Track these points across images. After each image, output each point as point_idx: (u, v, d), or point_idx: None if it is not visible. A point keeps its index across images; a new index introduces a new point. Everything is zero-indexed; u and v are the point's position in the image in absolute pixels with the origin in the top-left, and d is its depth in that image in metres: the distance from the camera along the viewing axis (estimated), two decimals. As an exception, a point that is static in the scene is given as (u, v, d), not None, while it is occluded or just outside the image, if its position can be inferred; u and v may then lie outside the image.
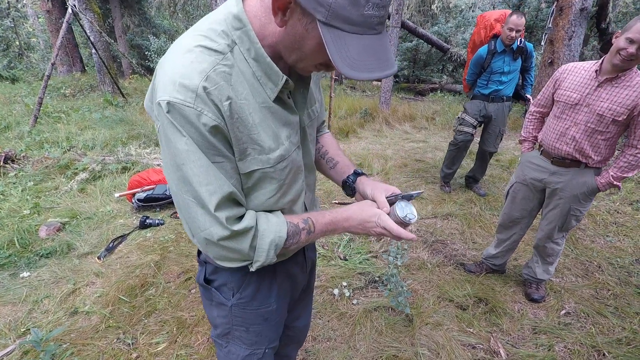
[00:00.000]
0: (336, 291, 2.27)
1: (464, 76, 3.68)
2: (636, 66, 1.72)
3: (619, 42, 1.67)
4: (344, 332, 1.99)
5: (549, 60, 4.35)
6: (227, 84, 0.64)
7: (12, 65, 11.75)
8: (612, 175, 1.86)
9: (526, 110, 3.91)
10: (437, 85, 9.78)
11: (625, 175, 1.84)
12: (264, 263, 0.76)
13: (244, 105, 0.67)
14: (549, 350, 1.93)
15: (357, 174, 0.98)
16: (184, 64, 0.62)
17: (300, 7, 0.56)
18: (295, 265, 0.99)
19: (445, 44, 10.12)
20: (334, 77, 3.69)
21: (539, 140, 2.11)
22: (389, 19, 8.35)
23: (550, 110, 2.06)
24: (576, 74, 1.88)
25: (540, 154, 2.09)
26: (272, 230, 0.75)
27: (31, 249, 2.69)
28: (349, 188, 0.98)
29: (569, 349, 1.95)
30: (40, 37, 13.06)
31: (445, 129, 6.43)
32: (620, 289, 2.43)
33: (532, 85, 3.57)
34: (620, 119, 1.75)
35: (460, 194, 3.82)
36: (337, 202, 3.47)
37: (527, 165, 2.15)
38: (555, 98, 1.98)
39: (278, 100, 0.72)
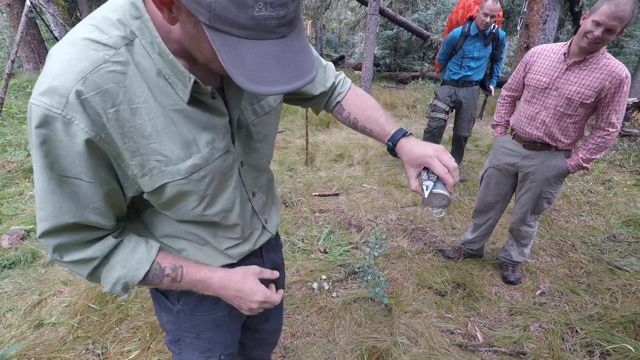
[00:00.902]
0: (315, 285, 2.24)
1: (435, 56, 3.69)
2: (604, 48, 1.72)
3: (586, 24, 1.66)
4: (324, 326, 1.96)
5: (525, 45, 4.38)
6: (116, 86, 0.55)
7: (-27, 64, 11.10)
8: (581, 158, 1.88)
9: (485, 102, 3.96)
10: (419, 73, 9.75)
11: (593, 157, 1.86)
12: (111, 292, 0.70)
13: (143, 110, 0.57)
14: (525, 330, 1.96)
15: (394, 141, 0.84)
16: (61, 61, 0.53)
17: (184, 6, 0.47)
18: None
19: (425, 31, 10.10)
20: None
21: (511, 125, 2.11)
22: (364, 3, 8.18)
23: (521, 94, 2.05)
24: (545, 57, 1.87)
25: (513, 138, 2.09)
26: (127, 266, 0.68)
27: (-7, 259, 2.54)
28: (393, 154, 0.87)
29: (543, 328, 1.98)
30: (5, 33, 12.36)
31: (425, 117, 6.45)
32: (593, 267, 2.49)
33: (498, 76, 3.62)
34: (588, 102, 1.75)
35: (439, 181, 3.84)
36: (316, 194, 3.43)
37: (500, 150, 2.15)
38: (525, 82, 1.97)
39: (195, 101, 0.62)
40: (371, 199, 3.39)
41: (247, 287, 0.78)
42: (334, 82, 0.93)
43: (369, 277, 2.08)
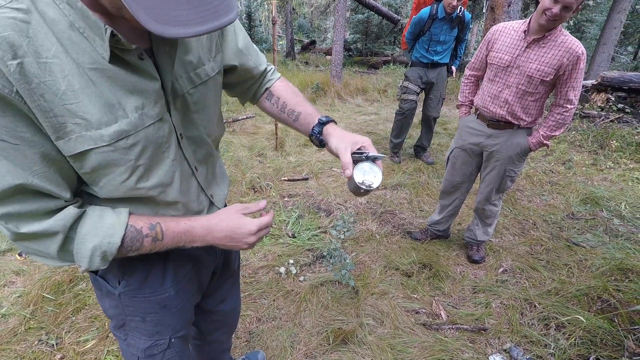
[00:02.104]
0: (282, 270, 2.21)
1: (403, 33, 3.67)
2: (561, 25, 1.74)
3: (544, 1, 1.67)
4: (290, 310, 1.94)
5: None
6: (17, 34, 0.47)
7: None
8: (542, 135, 1.92)
9: (446, 82, 4.00)
10: (390, 58, 9.78)
11: (553, 133, 1.90)
12: (90, 268, 0.63)
13: (53, 65, 0.50)
14: (486, 307, 2.02)
15: (321, 123, 0.84)
16: None
17: None
18: (196, 248, 0.89)
19: (395, 15, 10.09)
20: (276, 49, 3.49)
21: (475, 104, 2.13)
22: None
23: (484, 73, 2.06)
24: (507, 34, 1.88)
25: (477, 117, 2.11)
26: (100, 234, 0.62)
27: None
28: (318, 141, 0.85)
29: (504, 304, 2.05)
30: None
31: (396, 100, 6.48)
32: (552, 244, 2.60)
33: (460, 57, 3.67)
34: (547, 79, 1.78)
35: (410, 164, 3.88)
36: (285, 179, 3.38)
37: (465, 130, 2.17)
38: (488, 60, 1.98)
39: (119, 61, 0.55)
40: (341, 183, 3.37)
41: (234, 223, 0.75)
42: (265, 69, 0.91)
43: (336, 260, 2.07)
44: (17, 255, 2.34)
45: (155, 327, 0.86)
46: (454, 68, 3.67)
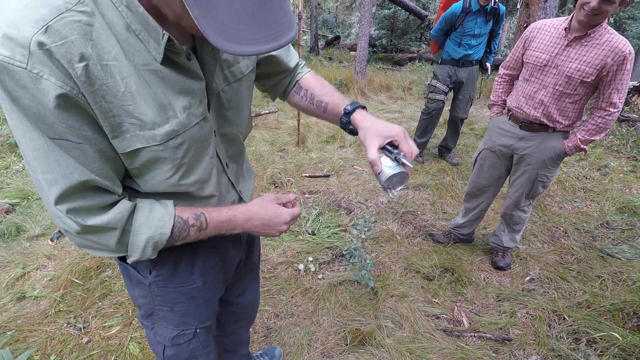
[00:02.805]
0: (301, 266, 2.20)
1: (432, 41, 3.55)
2: (606, 22, 1.63)
3: None
4: (308, 307, 1.94)
5: (525, 25, 4.24)
6: (82, 38, 0.48)
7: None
8: (579, 139, 1.81)
9: (476, 82, 3.84)
10: (416, 55, 9.55)
11: (592, 138, 1.78)
12: (141, 259, 0.66)
13: (113, 68, 0.52)
14: (511, 316, 1.95)
15: (347, 113, 0.83)
16: (14, 7, 0.46)
17: None
18: (223, 240, 0.89)
19: (423, 11, 9.84)
20: (301, 44, 3.47)
21: (507, 105, 2.04)
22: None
23: (520, 72, 1.97)
24: (545, 32, 1.78)
25: (509, 119, 2.02)
26: (152, 226, 0.64)
27: (-25, 234, 2.49)
28: (349, 131, 0.84)
29: (530, 314, 1.97)
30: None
31: (421, 98, 6.33)
32: (584, 254, 2.47)
33: (494, 53, 3.50)
34: (588, 80, 1.67)
35: (434, 164, 3.78)
36: (306, 175, 3.37)
37: (495, 131, 2.08)
38: (524, 59, 1.89)
39: (169, 62, 0.57)
40: (362, 182, 3.33)
41: (271, 212, 0.78)
42: (297, 63, 0.91)
43: (355, 260, 2.04)
44: (49, 240, 2.45)
45: (183, 317, 0.87)
46: (488, 65, 3.51)
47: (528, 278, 2.25)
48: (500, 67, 2.08)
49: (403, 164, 0.73)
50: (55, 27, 0.46)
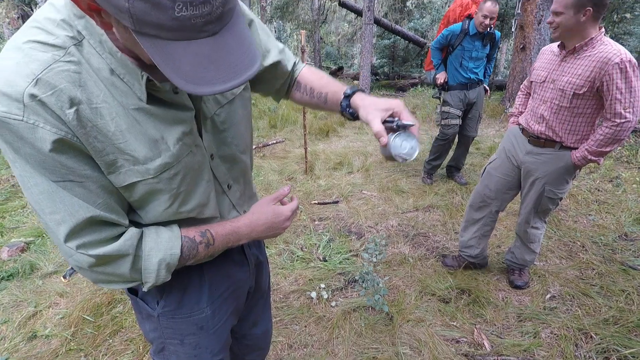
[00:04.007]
0: (314, 294, 2.16)
1: (428, 56, 3.66)
2: (602, 35, 1.67)
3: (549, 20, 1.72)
4: (322, 336, 1.88)
5: (521, 46, 4.36)
6: (72, 85, 0.52)
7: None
8: (587, 149, 1.75)
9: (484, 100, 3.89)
10: (417, 80, 9.78)
11: (602, 149, 1.72)
12: (157, 283, 0.67)
13: (103, 109, 0.55)
14: (535, 337, 1.86)
15: (347, 96, 0.83)
16: (7, 67, 0.50)
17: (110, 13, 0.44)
18: (231, 264, 0.89)
19: (421, 39, 10.17)
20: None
21: (519, 121, 2.08)
22: (360, 15, 8.28)
23: None
24: (548, 52, 1.89)
25: (522, 132, 2.04)
26: (162, 249, 0.66)
27: (-9, 274, 2.53)
28: (349, 114, 0.83)
29: (555, 334, 1.88)
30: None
31: (426, 122, 6.41)
32: (605, 267, 2.39)
33: (489, 76, 3.61)
34: (581, 92, 1.67)
35: (442, 185, 3.76)
36: (315, 202, 3.38)
37: (509, 139, 2.10)
38: (530, 78, 2.00)
39: (155, 100, 0.60)
40: (371, 206, 3.32)
41: (271, 214, 0.80)
42: (294, 62, 0.92)
43: (368, 285, 2.00)
44: (61, 278, 2.46)
45: (194, 349, 0.86)
46: (486, 87, 3.60)
47: (549, 296, 2.17)
48: (524, 82, 2.18)
49: (406, 126, 0.73)
50: (45, 79, 0.50)
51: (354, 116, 0.82)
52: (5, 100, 0.49)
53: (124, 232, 0.64)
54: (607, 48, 1.61)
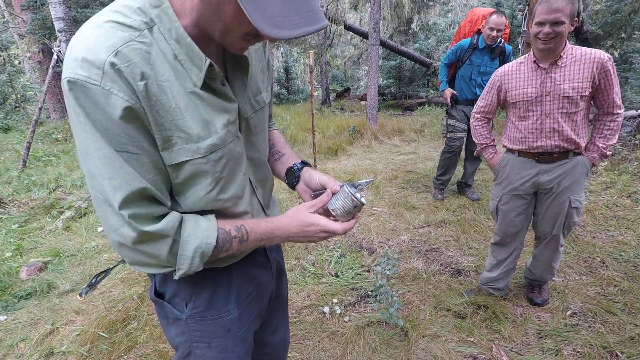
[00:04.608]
0: (326, 309, 2.14)
1: (438, 81, 3.71)
2: (568, 43, 1.73)
3: (532, 30, 1.71)
4: (336, 352, 1.85)
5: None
6: (143, 61, 0.58)
7: (8, 118, 11.98)
8: (601, 146, 1.80)
9: None
10: (424, 100, 9.88)
11: (611, 142, 1.80)
12: (189, 272, 0.69)
13: (166, 87, 0.61)
14: (557, 354, 1.80)
15: (304, 163, 0.94)
16: (91, 38, 0.56)
17: None
18: (255, 267, 0.91)
19: (427, 59, 10.35)
20: (313, 94, 3.70)
21: (507, 146, 2.01)
22: (366, 37, 8.58)
23: (493, 115, 2.05)
24: (516, 71, 1.86)
25: (518, 155, 1.96)
26: (199, 236, 0.68)
27: (10, 292, 2.58)
28: (293, 175, 0.92)
29: (578, 352, 1.81)
30: (37, 89, 13.41)
31: (434, 139, 6.43)
32: (627, 284, 2.31)
33: None
34: (586, 93, 1.72)
35: (453, 201, 3.74)
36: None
37: (511, 172, 1.99)
38: (510, 101, 1.90)
39: (207, 87, 0.66)
40: (382, 222, 3.31)
41: (303, 222, 0.78)
42: (271, 115, 1.01)
43: (382, 298, 1.98)
44: (77, 295, 2.50)
45: (221, 353, 0.86)
46: None
47: (569, 312, 2.10)
48: (474, 112, 2.10)
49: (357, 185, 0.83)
50: (123, 52, 0.56)
51: (296, 179, 0.92)
52: (86, 66, 0.54)
53: (167, 214, 0.67)
54: (588, 50, 1.71)
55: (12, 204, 4.10)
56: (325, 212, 0.81)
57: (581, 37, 6.60)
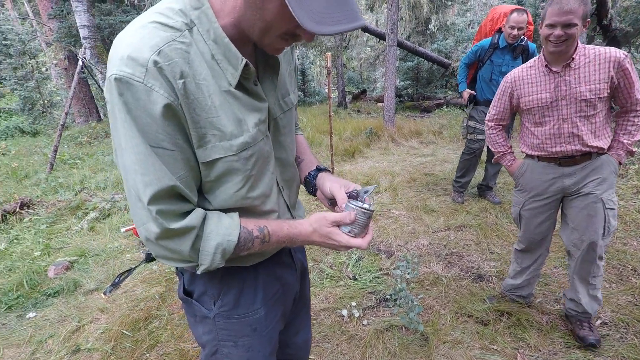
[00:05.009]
0: (345, 312, 2.13)
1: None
2: (579, 43, 1.66)
3: (543, 32, 1.65)
4: (354, 356, 1.84)
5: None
6: (183, 60, 0.61)
7: (36, 122, 12.52)
8: (626, 143, 1.72)
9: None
10: (442, 101, 9.72)
11: (635, 138, 1.72)
12: (210, 267, 0.70)
13: (203, 86, 0.63)
14: (586, 365, 1.72)
15: (319, 169, 0.94)
16: (135, 39, 0.59)
17: None
18: (281, 267, 0.92)
19: (445, 60, 10.18)
20: (330, 95, 3.71)
21: (526, 152, 1.93)
22: (382, 38, 8.54)
23: (507, 121, 2.01)
24: (528, 77, 1.80)
25: (538, 160, 1.88)
26: (220, 233, 0.69)
27: (39, 289, 2.68)
28: (310, 185, 0.93)
29: (609, 362, 1.73)
30: (63, 94, 13.96)
31: (453, 141, 6.32)
32: (661, 293, 2.20)
33: None
34: (604, 94, 1.64)
35: (474, 204, 3.66)
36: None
37: (531, 179, 1.92)
38: (524, 107, 1.83)
39: (241, 87, 0.68)
40: (400, 225, 3.27)
41: (325, 235, 0.78)
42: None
43: (402, 302, 1.95)
44: (102, 294, 2.57)
45: (247, 352, 0.87)
46: None
47: (599, 322, 2.02)
48: (487, 121, 2.06)
49: (365, 191, 0.85)
50: (165, 51, 0.59)
51: (314, 189, 0.94)
52: (131, 63, 0.57)
53: (191, 211, 0.68)
54: (601, 49, 1.64)
55: (41, 205, 4.27)
56: None
57: (609, 35, 6.36)
